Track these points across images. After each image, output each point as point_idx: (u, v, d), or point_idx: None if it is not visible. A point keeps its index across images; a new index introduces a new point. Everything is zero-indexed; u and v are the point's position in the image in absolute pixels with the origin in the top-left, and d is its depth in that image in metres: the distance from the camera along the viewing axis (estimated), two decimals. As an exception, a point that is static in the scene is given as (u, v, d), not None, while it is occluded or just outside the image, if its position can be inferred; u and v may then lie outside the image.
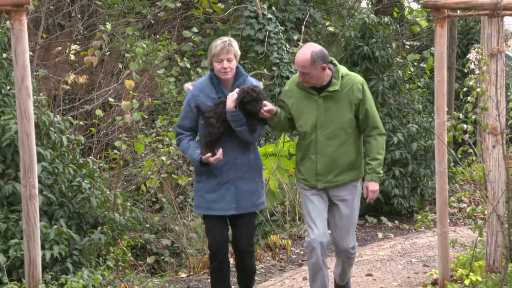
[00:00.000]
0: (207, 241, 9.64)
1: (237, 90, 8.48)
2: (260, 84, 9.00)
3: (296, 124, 8.87)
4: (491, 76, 10.20)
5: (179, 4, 17.38)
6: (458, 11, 11.57)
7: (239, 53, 8.63)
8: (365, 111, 8.71)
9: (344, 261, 9.12)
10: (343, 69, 8.76)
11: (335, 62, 8.73)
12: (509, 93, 10.51)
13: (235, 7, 17.22)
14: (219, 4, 17.23)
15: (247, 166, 8.74)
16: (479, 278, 10.04)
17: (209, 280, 11.93)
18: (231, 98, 8.39)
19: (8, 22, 8.24)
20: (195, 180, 8.91)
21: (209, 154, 8.35)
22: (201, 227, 13.44)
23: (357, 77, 8.84)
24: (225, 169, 8.57)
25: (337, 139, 8.69)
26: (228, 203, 8.63)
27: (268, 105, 8.57)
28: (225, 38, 8.65)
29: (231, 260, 10.01)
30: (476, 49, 10.72)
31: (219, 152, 8.40)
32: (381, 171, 8.90)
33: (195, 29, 17.13)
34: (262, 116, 8.60)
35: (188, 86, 8.87)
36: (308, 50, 8.50)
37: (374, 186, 8.84)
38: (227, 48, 8.45)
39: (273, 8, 17.24)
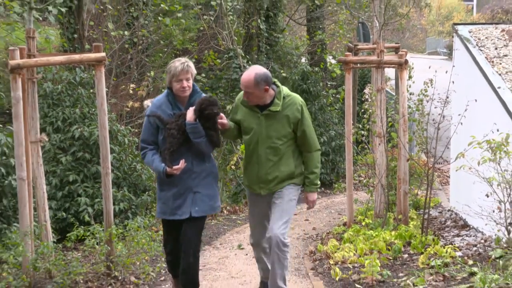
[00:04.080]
0: None
1: (195, 106, 6.19)
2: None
3: (243, 136, 6.50)
4: (377, 103, 10.31)
5: (194, 60, 17.47)
6: (358, 64, 11.65)
7: (195, 72, 6.35)
8: (302, 131, 6.30)
9: (274, 257, 6.24)
10: (285, 90, 6.33)
11: (278, 83, 6.34)
12: (388, 113, 10.58)
13: (227, 61, 17.17)
14: (218, 60, 17.25)
15: (204, 173, 6.25)
16: (370, 221, 10.12)
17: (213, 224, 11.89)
18: (191, 112, 6.09)
19: (93, 71, 8.25)
20: (158, 189, 6.43)
21: (177, 166, 6.05)
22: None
23: (298, 99, 6.38)
24: (184, 177, 6.14)
25: (277, 152, 6.25)
26: (188, 207, 6.18)
27: (223, 118, 6.31)
28: (182, 60, 6.30)
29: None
30: (369, 87, 10.80)
31: (181, 163, 6.05)
32: (318, 183, 6.55)
33: (203, 75, 17.14)
34: (218, 125, 6.26)
35: (147, 103, 6.56)
36: (252, 72, 6.15)
37: (313, 197, 6.51)
38: (186, 69, 6.17)
39: (250, 62, 17.23)
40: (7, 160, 9.61)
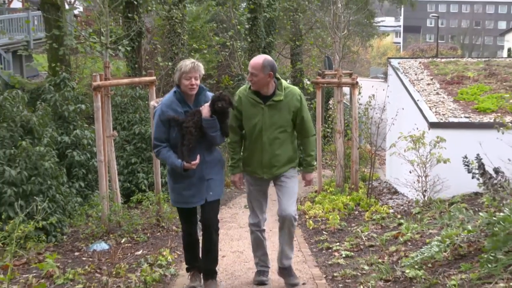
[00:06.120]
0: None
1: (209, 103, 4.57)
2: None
3: (244, 126, 4.83)
4: (338, 110, 10.29)
5: (214, 82, 17.43)
6: (325, 84, 11.61)
7: (203, 72, 4.63)
8: (301, 118, 4.82)
9: (286, 232, 4.85)
10: (284, 83, 4.82)
11: (279, 77, 4.81)
12: (344, 117, 10.65)
13: (237, 82, 17.11)
14: (231, 82, 17.21)
15: (213, 162, 4.66)
16: (333, 189, 10.10)
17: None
18: (207, 108, 4.53)
19: (148, 89, 8.23)
20: (171, 181, 4.72)
21: (194, 162, 4.48)
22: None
23: (296, 90, 4.88)
24: (197, 168, 4.55)
25: (279, 140, 4.78)
26: (202, 194, 4.61)
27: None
28: (192, 60, 4.65)
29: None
30: (332, 100, 10.78)
31: (198, 158, 4.51)
32: (314, 163, 5.08)
33: (221, 91, 17.07)
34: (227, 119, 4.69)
35: (153, 103, 4.96)
36: (262, 57, 4.70)
37: (310, 176, 5.05)
38: (196, 68, 4.53)
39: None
40: (91, 148, 9.63)
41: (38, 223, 5.48)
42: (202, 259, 4.80)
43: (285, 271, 4.93)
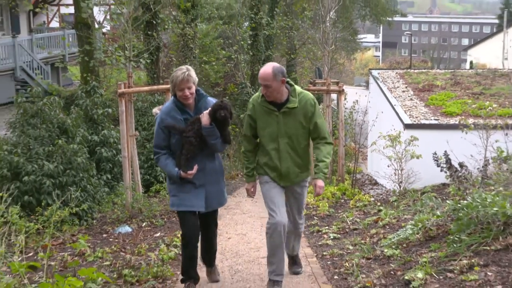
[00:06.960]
0: None
1: (209, 110, 3.86)
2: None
3: (259, 135, 4.04)
4: (327, 113, 10.26)
5: (220, 89, 17.38)
6: (316, 91, 11.57)
7: (197, 79, 3.91)
8: (315, 123, 3.97)
9: (295, 235, 4.33)
10: (298, 88, 3.99)
11: (291, 82, 4.00)
12: (332, 119, 10.61)
13: (240, 90, 17.08)
14: (236, 89, 17.17)
15: (214, 171, 3.97)
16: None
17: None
18: (206, 116, 3.84)
19: (165, 95, 8.18)
20: (170, 183, 4.01)
21: (191, 172, 3.83)
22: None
23: (310, 95, 4.03)
24: (197, 175, 3.87)
25: (295, 146, 3.99)
26: (199, 201, 3.92)
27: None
28: (183, 69, 3.87)
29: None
30: (322, 104, 10.74)
31: (195, 168, 3.84)
32: (326, 171, 4.01)
33: (227, 97, 17.04)
34: (228, 125, 3.97)
35: (155, 110, 4.21)
36: (270, 66, 3.88)
37: (321, 183, 3.96)
38: (187, 78, 3.81)
39: (254, 90, 17.12)
40: (116, 146, 9.61)
41: (72, 209, 5.49)
42: (202, 252, 4.23)
43: (291, 259, 4.52)
